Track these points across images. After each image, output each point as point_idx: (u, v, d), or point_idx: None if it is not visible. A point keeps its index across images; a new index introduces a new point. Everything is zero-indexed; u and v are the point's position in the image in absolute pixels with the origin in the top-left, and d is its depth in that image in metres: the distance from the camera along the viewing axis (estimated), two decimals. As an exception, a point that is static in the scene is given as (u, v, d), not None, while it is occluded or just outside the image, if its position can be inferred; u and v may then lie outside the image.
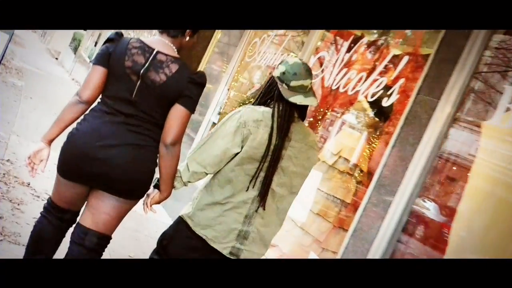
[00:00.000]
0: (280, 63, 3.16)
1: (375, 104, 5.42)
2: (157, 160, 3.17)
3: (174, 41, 3.21)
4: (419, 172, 4.18)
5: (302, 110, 3.19)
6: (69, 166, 3.17)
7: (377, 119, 5.72)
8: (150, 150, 3.14)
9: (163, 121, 3.11)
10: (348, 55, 5.66)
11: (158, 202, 3.25)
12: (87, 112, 3.20)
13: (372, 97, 4.99)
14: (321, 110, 6.99)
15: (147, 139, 3.12)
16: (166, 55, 3.13)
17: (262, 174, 3.06)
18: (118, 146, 3.06)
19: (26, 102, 10.91)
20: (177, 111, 3.08)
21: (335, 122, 6.30)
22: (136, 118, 3.10)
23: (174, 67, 3.10)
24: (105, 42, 3.23)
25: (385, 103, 4.77)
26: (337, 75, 5.61)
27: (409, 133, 4.37)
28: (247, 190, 3.08)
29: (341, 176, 5.74)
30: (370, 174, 5.65)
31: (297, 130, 3.15)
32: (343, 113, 6.27)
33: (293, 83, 3.05)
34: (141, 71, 3.08)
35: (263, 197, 3.08)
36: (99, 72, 3.15)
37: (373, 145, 5.76)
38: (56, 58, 26.43)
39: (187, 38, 3.24)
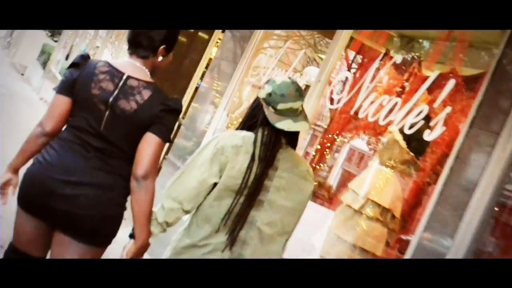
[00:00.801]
0: (266, 82, 3.14)
1: (409, 136, 5.06)
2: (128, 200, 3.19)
3: (146, 63, 3.25)
4: (475, 224, 3.77)
5: (292, 136, 3.15)
6: (30, 197, 3.19)
7: (411, 154, 5.37)
8: (119, 191, 3.17)
9: (134, 155, 3.12)
10: (376, 76, 5.28)
11: (136, 253, 3.16)
12: (53, 142, 3.23)
13: (410, 128, 4.60)
14: (338, 139, 6.65)
15: (116, 179, 3.14)
16: (137, 79, 3.17)
17: (237, 208, 3.02)
18: (85, 185, 3.10)
19: (-14, 127, 10.48)
20: (148, 140, 3.10)
21: (356, 155, 5.95)
22: (105, 153, 3.13)
23: (146, 94, 3.14)
24: (69, 67, 3.26)
25: (428, 136, 4.38)
26: (364, 100, 5.23)
27: (460, 175, 3.98)
28: (217, 231, 3.04)
29: (369, 223, 5.34)
30: (405, 220, 5.31)
31: (285, 157, 3.10)
32: (368, 145, 5.93)
33: (280, 106, 3.03)
34: (110, 100, 3.13)
35: (233, 236, 3.03)
36: (63, 101, 3.21)
37: (408, 185, 5.41)
38: (22, 74, 26.06)
39: (160, 58, 3.28)
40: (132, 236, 3.16)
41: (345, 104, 5.57)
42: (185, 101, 9.48)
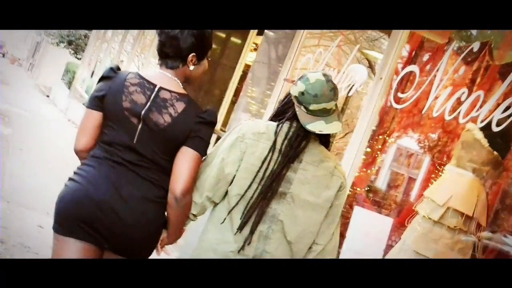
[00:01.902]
0: (299, 79, 3.04)
1: (490, 133, 4.52)
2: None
3: (177, 73, 3.21)
4: None
5: (325, 135, 3.08)
6: (77, 213, 3.09)
7: (495, 153, 4.81)
8: (163, 204, 3.13)
9: (171, 168, 3.09)
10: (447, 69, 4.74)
11: (167, 244, 3.25)
12: (86, 160, 3.21)
13: (498, 125, 4.06)
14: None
15: (160, 190, 3.11)
16: (170, 91, 3.13)
17: (252, 199, 2.97)
18: (139, 198, 3.08)
19: (14, 154, 10.07)
20: (185, 155, 3.07)
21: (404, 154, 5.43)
22: (140, 166, 3.10)
23: (180, 106, 3.10)
24: (99, 81, 3.23)
25: None
26: (436, 97, 4.68)
27: None
28: (239, 227, 2.99)
29: (452, 234, 4.78)
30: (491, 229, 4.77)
31: (312, 151, 3.03)
32: (444, 148, 5.39)
33: (313, 107, 2.95)
34: (142, 113, 3.09)
35: (254, 226, 2.97)
36: (93, 116, 3.19)
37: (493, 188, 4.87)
38: (47, 96, 25.86)
39: (192, 67, 3.21)
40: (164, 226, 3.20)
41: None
42: (222, 112, 9.12)
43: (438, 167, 6.09)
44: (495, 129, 4.15)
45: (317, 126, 2.95)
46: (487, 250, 4.86)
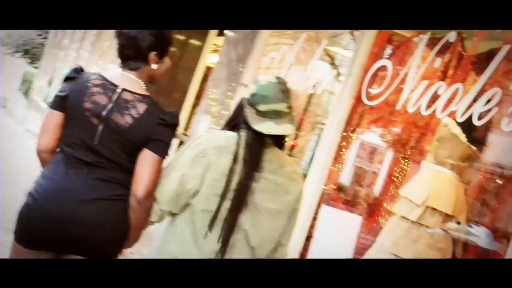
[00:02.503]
0: (253, 83, 3.05)
1: (467, 126, 4.28)
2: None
3: (140, 74, 3.18)
4: None
5: (278, 137, 3.04)
6: (37, 233, 3.08)
7: (474, 148, 4.55)
8: (126, 202, 3.08)
9: (132, 167, 3.06)
10: (423, 62, 4.48)
11: (126, 247, 3.19)
12: (44, 168, 3.20)
13: (480, 119, 3.81)
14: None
15: (120, 189, 3.08)
16: (132, 93, 3.10)
17: (224, 212, 2.91)
18: (93, 201, 3.04)
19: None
20: (147, 158, 3.04)
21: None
22: (101, 167, 3.07)
23: (141, 107, 3.08)
24: (64, 81, 3.20)
25: (507, 126, 3.60)
26: (412, 91, 4.41)
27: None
28: (205, 237, 2.94)
29: (431, 235, 4.56)
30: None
31: (270, 158, 3.00)
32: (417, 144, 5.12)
33: (262, 107, 2.93)
34: (103, 114, 3.07)
35: (225, 244, 2.93)
36: (55, 116, 3.16)
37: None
38: (4, 107, 25.20)
39: (154, 66, 3.18)
40: None
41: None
42: (183, 115, 8.91)
43: (402, 161, 5.86)
44: (476, 123, 3.89)
45: (265, 127, 2.92)
46: (468, 249, 4.61)
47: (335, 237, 5.38)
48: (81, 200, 3.04)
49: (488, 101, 3.89)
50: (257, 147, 2.97)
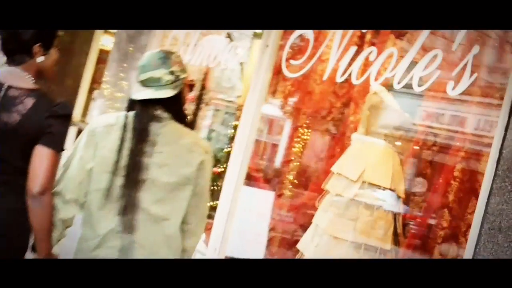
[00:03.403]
0: None
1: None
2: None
3: (26, 68, 3.05)
4: None
5: (171, 109, 2.96)
6: None
7: (407, 115, 4.22)
8: (21, 206, 2.94)
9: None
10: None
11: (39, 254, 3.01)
12: None
13: (420, 85, 3.47)
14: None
15: (19, 198, 2.94)
16: (18, 89, 3.00)
17: (118, 187, 2.85)
18: None
19: None
20: (39, 153, 2.93)
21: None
22: None
23: (29, 102, 2.98)
24: None
25: (453, 91, 3.27)
26: (339, 60, 4.00)
27: None
28: (100, 217, 2.87)
29: (371, 211, 4.18)
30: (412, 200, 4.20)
31: (166, 132, 2.94)
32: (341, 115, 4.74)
33: (141, 77, 2.93)
34: None
35: (124, 218, 2.84)
36: None
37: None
38: None
39: (40, 59, 3.08)
40: (34, 249, 3.00)
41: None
42: (80, 102, 8.57)
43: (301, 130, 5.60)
44: (417, 89, 3.51)
45: (141, 94, 2.90)
46: (408, 226, 4.30)
47: (250, 215, 5.06)
48: None
49: (427, 66, 3.50)
50: (144, 119, 2.91)
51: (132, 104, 2.97)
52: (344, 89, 5.11)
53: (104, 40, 8.73)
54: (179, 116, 3.00)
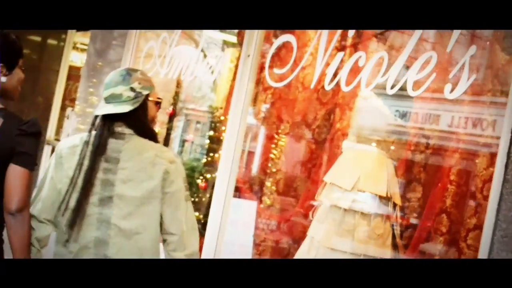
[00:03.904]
0: None
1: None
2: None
3: None
4: None
5: (135, 124, 3.00)
6: None
7: (399, 120, 4.04)
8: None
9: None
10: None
11: None
12: None
13: (414, 90, 3.30)
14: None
15: None
16: None
17: (86, 205, 2.90)
18: None
19: None
20: (13, 173, 2.95)
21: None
22: None
23: None
24: None
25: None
26: (326, 67, 3.82)
27: None
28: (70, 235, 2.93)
29: (368, 221, 4.02)
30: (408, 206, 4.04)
31: (128, 148, 2.97)
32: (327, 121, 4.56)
33: (104, 94, 3.01)
34: None
35: (71, 225, 2.90)
36: None
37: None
38: None
39: (3, 79, 3.06)
40: None
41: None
42: (52, 120, 8.44)
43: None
44: (412, 93, 3.34)
45: (101, 110, 2.96)
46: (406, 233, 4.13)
47: (233, 226, 4.95)
48: None
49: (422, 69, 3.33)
50: (104, 135, 2.95)
51: (95, 122, 3.01)
52: (328, 95, 4.92)
53: (73, 56, 8.57)
54: (143, 132, 3.03)
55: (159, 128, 6.59)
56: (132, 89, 2.97)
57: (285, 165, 5.41)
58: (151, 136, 3.07)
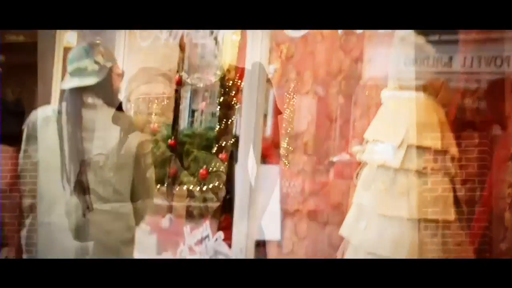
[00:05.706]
0: None
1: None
2: None
3: None
4: None
5: (103, 95, 3.10)
6: None
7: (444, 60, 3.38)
8: None
9: None
10: None
11: None
12: None
13: None
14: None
15: None
16: None
17: (71, 171, 2.98)
18: None
19: None
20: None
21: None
22: None
23: None
24: None
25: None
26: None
27: None
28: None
29: (424, 180, 3.34)
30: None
31: (101, 117, 3.06)
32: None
33: (69, 69, 3.09)
34: None
35: (79, 197, 2.97)
36: None
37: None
38: None
39: None
40: (3, 244, 3.30)
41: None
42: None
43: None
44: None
45: (69, 84, 3.07)
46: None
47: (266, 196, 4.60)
48: None
49: None
50: (77, 106, 3.03)
51: (64, 95, 3.10)
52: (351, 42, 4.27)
53: (69, 37, 8.05)
54: (112, 102, 3.14)
55: (167, 101, 6.37)
56: (96, 62, 3.09)
57: (312, 125, 4.75)
58: (119, 106, 3.18)
